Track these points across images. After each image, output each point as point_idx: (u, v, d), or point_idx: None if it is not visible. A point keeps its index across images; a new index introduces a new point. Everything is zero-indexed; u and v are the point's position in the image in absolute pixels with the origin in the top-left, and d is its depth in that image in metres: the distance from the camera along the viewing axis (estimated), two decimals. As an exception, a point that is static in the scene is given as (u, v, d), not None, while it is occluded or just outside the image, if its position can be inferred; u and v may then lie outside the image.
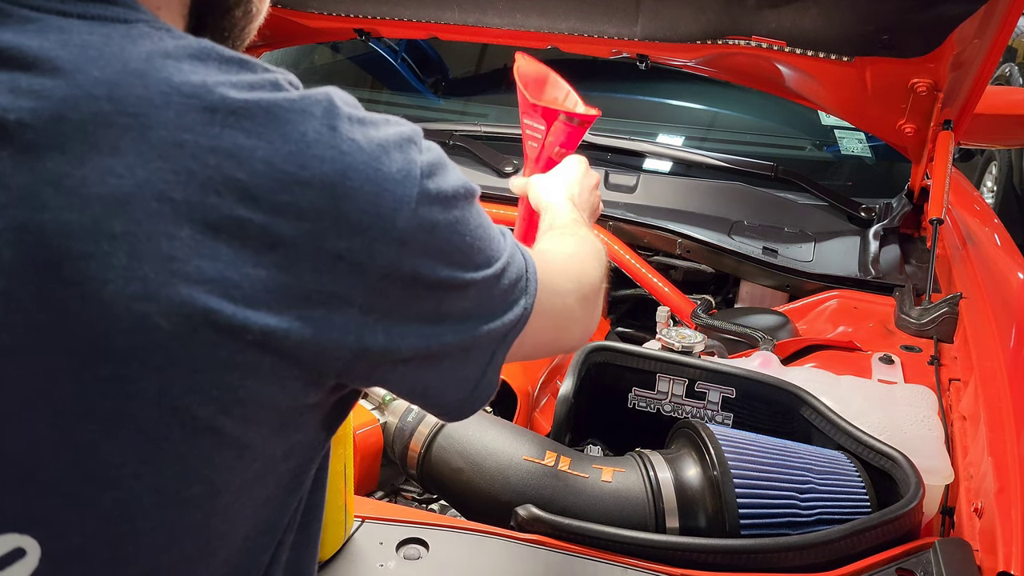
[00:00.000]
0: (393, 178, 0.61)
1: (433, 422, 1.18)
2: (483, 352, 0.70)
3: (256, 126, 0.57)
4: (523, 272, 0.73)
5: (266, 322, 0.56)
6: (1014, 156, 5.11)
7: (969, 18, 1.54)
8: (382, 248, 0.59)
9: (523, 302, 0.72)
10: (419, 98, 2.74)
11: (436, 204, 0.63)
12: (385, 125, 0.65)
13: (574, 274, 0.88)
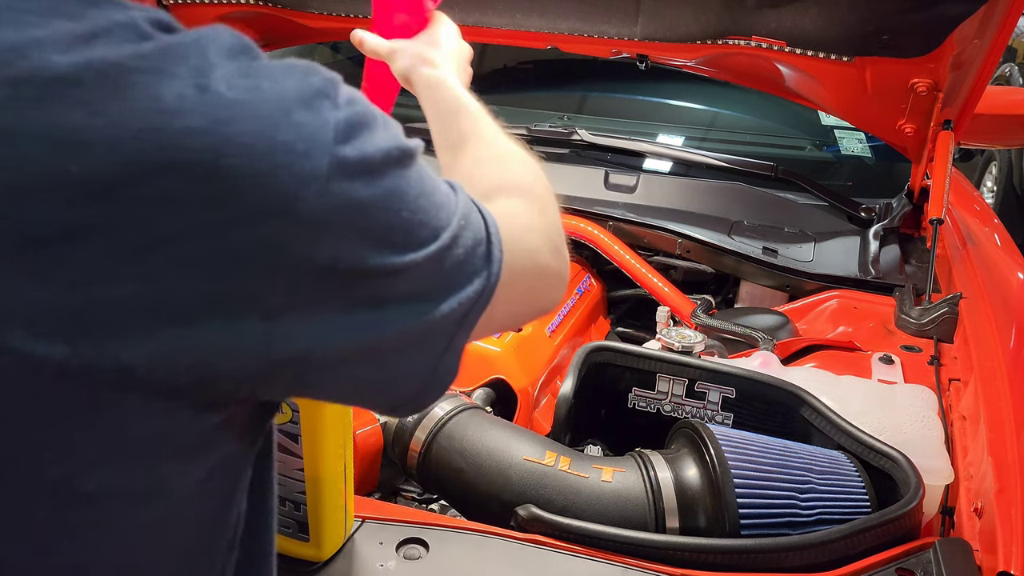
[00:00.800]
0: (293, 147, 0.47)
1: (433, 422, 1.18)
2: (438, 337, 0.60)
3: (91, 97, 0.44)
4: (482, 236, 0.61)
5: (122, 356, 0.45)
6: (1014, 156, 5.11)
7: (969, 18, 1.54)
8: (284, 238, 0.48)
9: (484, 273, 0.60)
10: (419, 98, 2.74)
11: (358, 175, 0.51)
12: (285, 75, 0.50)
13: (538, 220, 0.74)
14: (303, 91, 0.50)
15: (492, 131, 0.86)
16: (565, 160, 2.20)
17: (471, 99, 0.91)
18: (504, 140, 0.86)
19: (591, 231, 1.91)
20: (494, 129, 0.87)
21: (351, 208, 0.50)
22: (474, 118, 0.88)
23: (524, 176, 0.80)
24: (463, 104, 0.90)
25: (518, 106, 2.56)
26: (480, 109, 0.89)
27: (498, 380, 1.45)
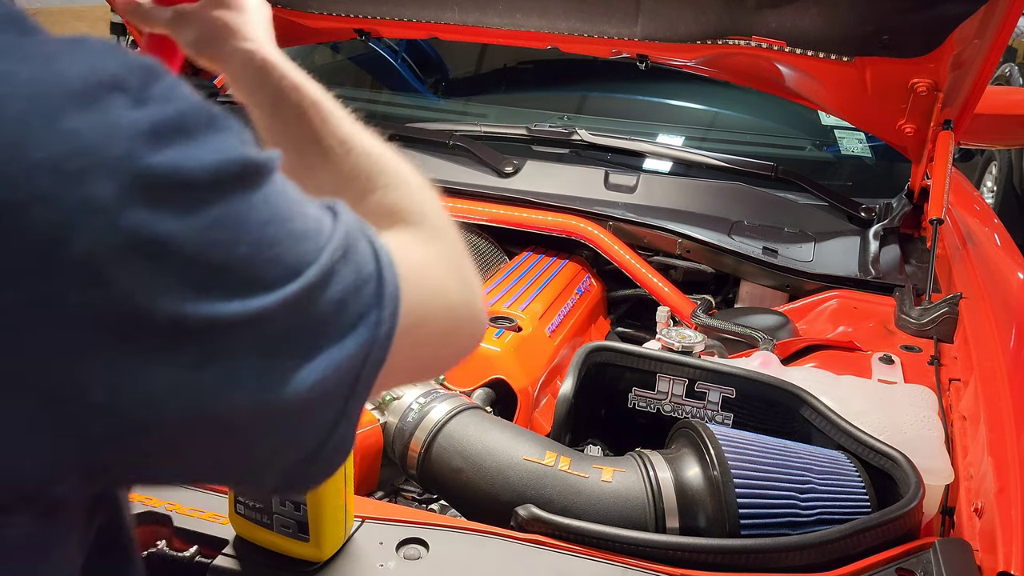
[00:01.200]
0: (60, 167, 0.34)
1: (433, 422, 1.18)
2: (320, 406, 0.46)
3: None
4: (370, 271, 0.48)
5: None
6: (1014, 156, 5.11)
7: (969, 18, 1.54)
8: (55, 292, 0.35)
9: (374, 318, 0.47)
10: (419, 98, 2.74)
11: (168, 201, 0.38)
12: (60, 58, 0.37)
13: (437, 249, 0.60)
14: (85, 82, 0.36)
15: (352, 131, 0.69)
16: (565, 160, 2.20)
17: (312, 83, 0.73)
18: (370, 142, 0.69)
19: (591, 231, 1.91)
20: (353, 127, 0.70)
21: (156, 244, 0.37)
22: (326, 114, 0.69)
23: (410, 194, 0.64)
24: (306, 94, 0.71)
25: (518, 106, 2.56)
26: (327, 97, 0.72)
27: (498, 380, 1.45)
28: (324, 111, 0.70)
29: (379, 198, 0.64)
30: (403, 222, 0.62)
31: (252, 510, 0.93)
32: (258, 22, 0.78)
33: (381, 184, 0.65)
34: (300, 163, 0.67)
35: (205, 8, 0.77)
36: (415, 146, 2.25)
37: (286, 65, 0.73)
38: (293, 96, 0.71)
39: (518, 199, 1.99)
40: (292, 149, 0.68)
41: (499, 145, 2.23)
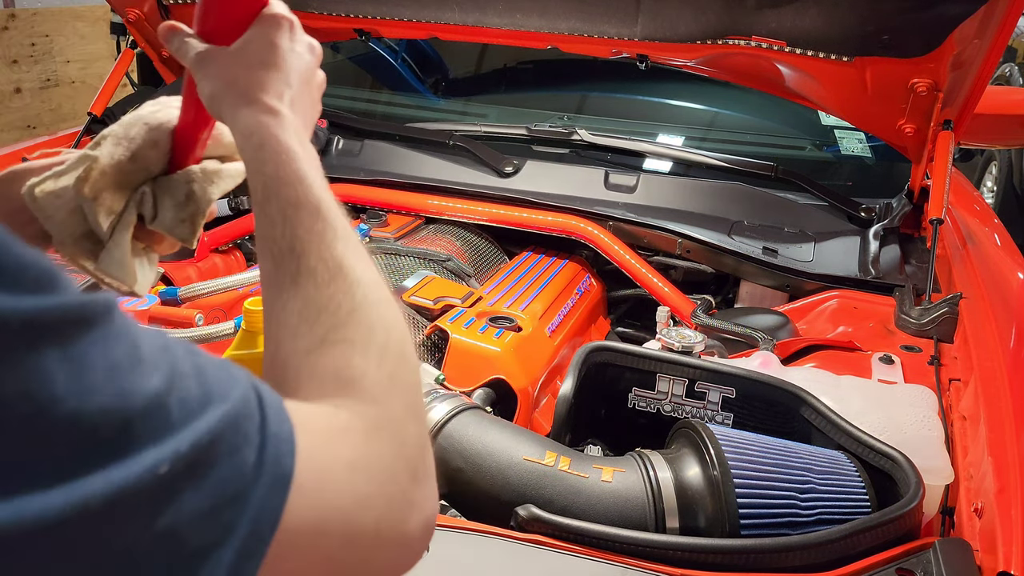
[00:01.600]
0: None
1: (433, 422, 1.18)
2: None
3: None
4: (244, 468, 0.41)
5: None
6: (1014, 156, 5.11)
7: (969, 18, 1.54)
8: None
9: (241, 531, 0.39)
10: (419, 98, 2.74)
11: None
12: None
13: (380, 450, 0.50)
14: None
15: (346, 257, 0.58)
16: (565, 160, 2.20)
17: (319, 178, 0.61)
18: (364, 278, 0.58)
19: (591, 231, 1.91)
20: (350, 253, 0.58)
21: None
22: (319, 226, 0.58)
23: (378, 363, 0.54)
24: (302, 193, 0.59)
25: (518, 106, 2.56)
26: (333, 206, 0.60)
27: (498, 380, 1.45)
28: (319, 221, 0.58)
29: (338, 353, 0.54)
30: (351, 396, 0.52)
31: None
32: (289, 85, 0.66)
33: (348, 337, 0.55)
34: (274, 274, 0.58)
35: (232, 56, 0.66)
36: (415, 146, 2.26)
37: (293, 150, 0.61)
38: (285, 192, 0.59)
39: (518, 199, 2.00)
40: (268, 255, 0.58)
41: (499, 145, 2.23)
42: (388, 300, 0.59)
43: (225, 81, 0.65)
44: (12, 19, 5.30)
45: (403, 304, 1.62)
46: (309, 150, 0.64)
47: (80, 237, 0.81)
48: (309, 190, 0.60)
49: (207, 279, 1.82)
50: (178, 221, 0.82)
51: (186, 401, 0.39)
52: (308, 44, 0.71)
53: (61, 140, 2.29)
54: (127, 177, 0.80)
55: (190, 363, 0.42)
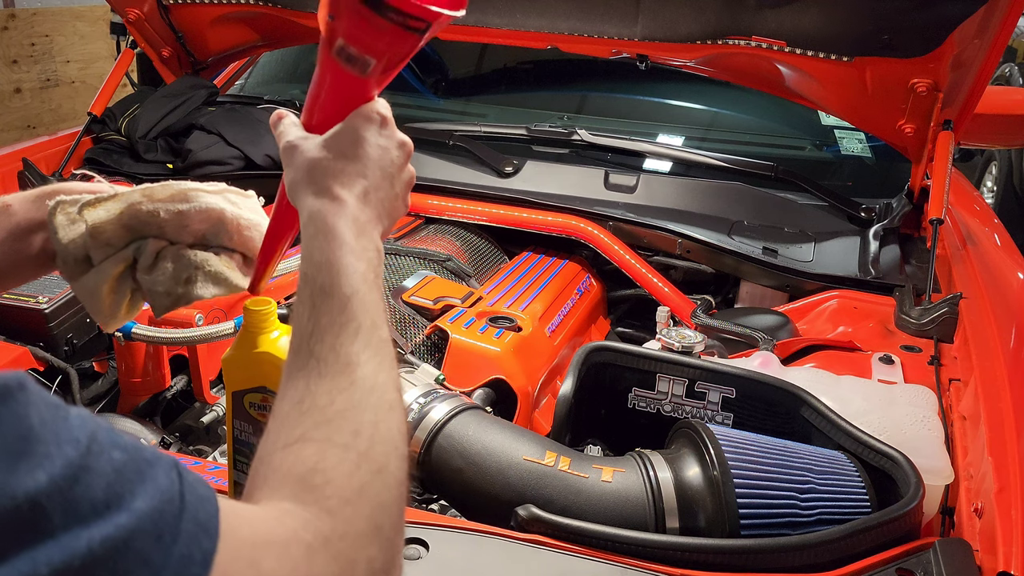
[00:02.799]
0: None
1: (433, 422, 1.18)
2: None
3: None
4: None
5: None
6: (1014, 156, 5.11)
7: (969, 18, 1.54)
8: None
9: None
10: (419, 98, 2.74)
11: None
12: None
13: (337, 558, 0.47)
14: None
15: (362, 346, 0.57)
16: (565, 160, 2.20)
17: (363, 270, 0.61)
18: (373, 369, 0.57)
19: (591, 231, 1.91)
20: (369, 341, 0.58)
21: None
22: (342, 318, 0.58)
23: (351, 471, 0.51)
24: (340, 278, 0.59)
25: (518, 106, 2.56)
26: (367, 293, 0.60)
27: (498, 380, 1.45)
28: (344, 313, 0.58)
29: (310, 452, 0.51)
30: (309, 503, 0.48)
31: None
32: (365, 177, 0.67)
33: (328, 437, 0.52)
34: (290, 361, 0.58)
35: (317, 146, 0.68)
36: (415, 146, 2.25)
37: (341, 237, 0.61)
38: (320, 278, 0.60)
39: (518, 199, 1.99)
40: (292, 340, 0.59)
41: (499, 145, 2.23)
42: (391, 407, 0.56)
43: (304, 169, 0.67)
44: (12, 19, 5.30)
45: (403, 305, 1.62)
46: (366, 242, 0.63)
47: (80, 260, 0.85)
48: (343, 279, 0.59)
49: (207, 279, 1.82)
50: (163, 291, 0.87)
51: (77, 505, 0.36)
52: (399, 141, 0.73)
53: (61, 140, 2.29)
54: (138, 224, 0.85)
55: (106, 459, 0.39)
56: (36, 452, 0.36)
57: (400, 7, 0.66)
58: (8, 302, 1.43)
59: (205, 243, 0.88)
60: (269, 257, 0.85)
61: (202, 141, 2.21)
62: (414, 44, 0.69)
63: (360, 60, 0.70)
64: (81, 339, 1.50)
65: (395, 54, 0.70)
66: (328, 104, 0.73)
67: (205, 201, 0.86)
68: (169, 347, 1.50)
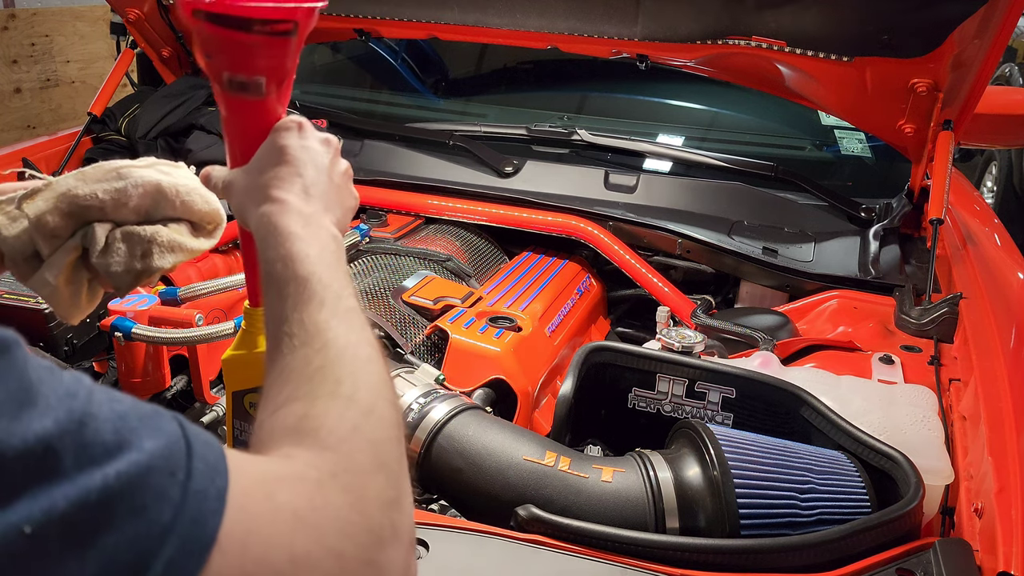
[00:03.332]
0: None
1: (433, 422, 1.18)
2: None
3: None
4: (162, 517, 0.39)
5: None
6: (1014, 156, 5.11)
7: (969, 18, 1.54)
8: None
9: None
10: (419, 98, 2.74)
11: None
12: None
13: (335, 502, 0.47)
14: None
15: (328, 315, 0.60)
16: (565, 160, 2.20)
17: (318, 253, 0.64)
18: (343, 330, 0.59)
19: (591, 231, 1.91)
20: (335, 310, 0.61)
21: None
22: (305, 296, 0.61)
23: (342, 412, 0.53)
24: (296, 265, 0.63)
25: (518, 106, 2.56)
26: (324, 272, 0.63)
27: (498, 380, 1.45)
28: (305, 291, 0.61)
29: (298, 407, 0.53)
30: (307, 446, 0.50)
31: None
32: (300, 176, 0.71)
33: (312, 391, 0.55)
34: (269, 353, 0.61)
35: (247, 170, 0.73)
36: (415, 146, 2.26)
37: (289, 231, 0.65)
38: (278, 271, 0.64)
39: (518, 199, 2.00)
40: (269, 331, 0.63)
41: (499, 145, 2.23)
42: (369, 359, 0.59)
43: (243, 192, 0.72)
44: (12, 19, 5.30)
45: (403, 305, 1.62)
46: (315, 230, 0.67)
47: (29, 257, 0.85)
48: (298, 265, 0.63)
49: (207, 279, 1.82)
50: (121, 270, 0.85)
51: (88, 447, 0.37)
52: (322, 139, 0.77)
53: (61, 140, 2.29)
54: (79, 210, 0.84)
55: (108, 409, 0.40)
56: (38, 403, 0.37)
57: (261, 16, 0.69)
58: (8, 302, 1.43)
59: (149, 218, 0.87)
60: (255, 267, 0.82)
61: (202, 141, 2.21)
62: (291, 47, 0.73)
63: (251, 83, 0.73)
64: (81, 339, 1.50)
65: (278, 64, 0.73)
66: (242, 137, 0.77)
67: (139, 175, 0.86)
68: (169, 347, 1.50)
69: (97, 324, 1.51)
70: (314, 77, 2.83)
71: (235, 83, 0.73)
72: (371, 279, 1.69)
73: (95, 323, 1.52)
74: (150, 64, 2.53)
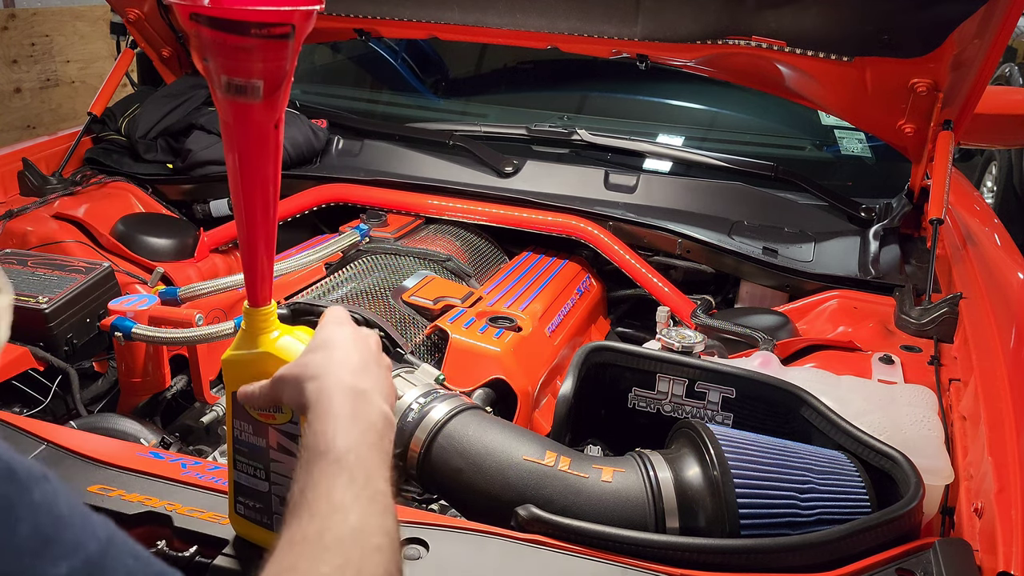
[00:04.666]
0: None
1: (433, 422, 1.17)
2: None
3: None
4: None
5: None
6: (1014, 156, 5.11)
7: (969, 18, 1.54)
8: None
9: None
10: (419, 98, 2.74)
11: None
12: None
13: None
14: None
15: (344, 503, 0.62)
16: (565, 160, 2.20)
17: (362, 434, 0.68)
18: (361, 515, 0.62)
19: (591, 231, 1.91)
20: (361, 492, 0.63)
21: None
22: (330, 473, 0.63)
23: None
24: (325, 445, 0.66)
25: (518, 106, 2.56)
26: (369, 456, 0.66)
27: (498, 380, 1.45)
28: (336, 465, 0.64)
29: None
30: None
31: (252, 510, 0.93)
32: (349, 360, 0.75)
33: (313, 567, 0.57)
34: (289, 508, 0.64)
35: (293, 367, 0.78)
36: (415, 146, 2.26)
37: (338, 414, 0.69)
38: (311, 441, 0.68)
39: (518, 199, 2.00)
40: (293, 491, 0.65)
41: (499, 145, 2.23)
42: (378, 549, 0.60)
43: (296, 377, 0.76)
44: (12, 19, 5.30)
45: (403, 305, 1.62)
46: (364, 408, 0.70)
47: None
48: (337, 441, 0.66)
49: (207, 279, 1.82)
50: None
51: None
52: (366, 333, 0.82)
53: (61, 140, 2.29)
54: None
55: (121, 564, 0.43)
56: (64, 539, 0.40)
57: (258, 19, 0.69)
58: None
59: None
60: (254, 267, 0.86)
61: (202, 141, 2.21)
62: (288, 50, 0.73)
63: (249, 87, 0.73)
64: (81, 339, 1.50)
65: (276, 67, 0.73)
66: (240, 139, 0.77)
67: None
68: (169, 347, 1.50)
69: (97, 324, 1.51)
70: (314, 77, 2.83)
71: (233, 86, 0.73)
72: (371, 279, 1.69)
73: (95, 323, 1.52)
74: (150, 64, 2.53)
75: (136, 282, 1.78)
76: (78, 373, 1.48)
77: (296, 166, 2.22)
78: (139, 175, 2.20)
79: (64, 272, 1.55)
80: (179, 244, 2.00)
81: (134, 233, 1.97)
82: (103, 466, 1.04)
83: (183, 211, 2.23)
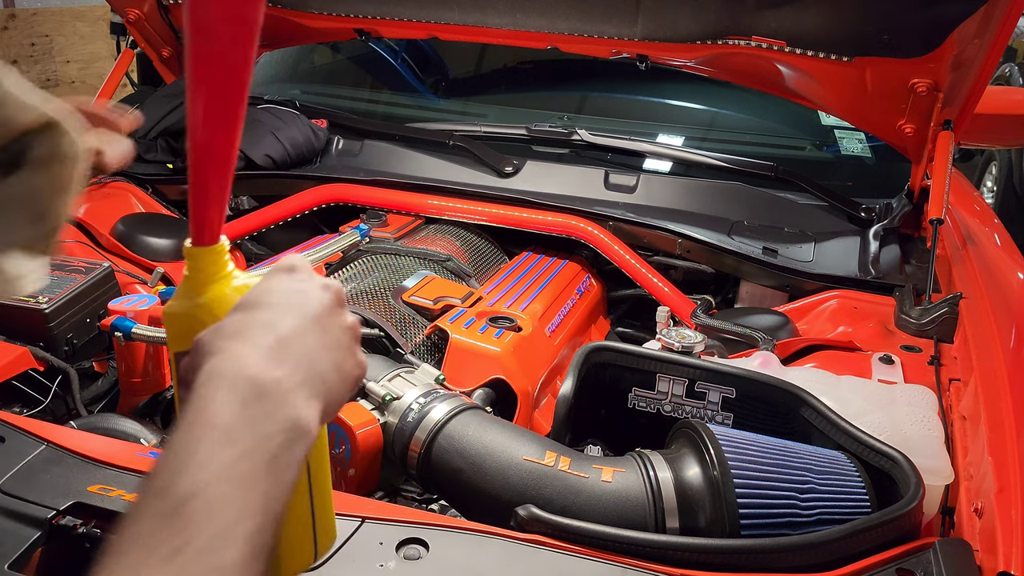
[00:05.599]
0: None
1: (433, 422, 1.18)
2: None
3: None
4: None
5: None
6: (1014, 156, 5.11)
7: (969, 18, 1.54)
8: None
9: None
10: (419, 98, 2.74)
11: None
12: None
13: None
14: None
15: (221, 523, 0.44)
16: (565, 160, 2.20)
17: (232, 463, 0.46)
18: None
19: (591, 231, 1.91)
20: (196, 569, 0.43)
21: None
22: (175, 523, 0.44)
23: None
24: (185, 474, 0.45)
25: (518, 106, 2.56)
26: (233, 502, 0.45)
27: (498, 380, 1.45)
28: (170, 523, 0.44)
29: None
30: None
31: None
32: (271, 327, 0.54)
33: None
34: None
35: (209, 332, 0.56)
36: (415, 146, 2.26)
37: (207, 416, 0.48)
38: (153, 469, 0.47)
39: (518, 199, 2.00)
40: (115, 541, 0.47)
41: (499, 145, 2.23)
42: None
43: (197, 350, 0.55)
44: (12, 19, 5.30)
45: (403, 305, 1.62)
46: (261, 411, 0.49)
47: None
48: (186, 474, 0.46)
49: (207, 279, 1.81)
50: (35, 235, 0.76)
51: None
52: (321, 283, 0.60)
53: (61, 140, 2.29)
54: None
55: None
56: None
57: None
58: (8, 302, 1.43)
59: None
60: (205, 185, 0.64)
61: (202, 141, 2.21)
62: None
63: None
64: (81, 339, 1.50)
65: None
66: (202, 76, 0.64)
67: None
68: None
69: (97, 324, 1.51)
70: (314, 77, 2.83)
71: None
72: (371, 279, 1.70)
73: (95, 323, 1.52)
74: (150, 64, 2.53)
75: (136, 282, 1.78)
76: (78, 373, 1.48)
77: (296, 166, 2.22)
78: (139, 175, 2.20)
79: (64, 272, 1.55)
80: (179, 244, 2.00)
81: (134, 233, 1.97)
82: (103, 466, 1.04)
83: (183, 211, 2.23)
